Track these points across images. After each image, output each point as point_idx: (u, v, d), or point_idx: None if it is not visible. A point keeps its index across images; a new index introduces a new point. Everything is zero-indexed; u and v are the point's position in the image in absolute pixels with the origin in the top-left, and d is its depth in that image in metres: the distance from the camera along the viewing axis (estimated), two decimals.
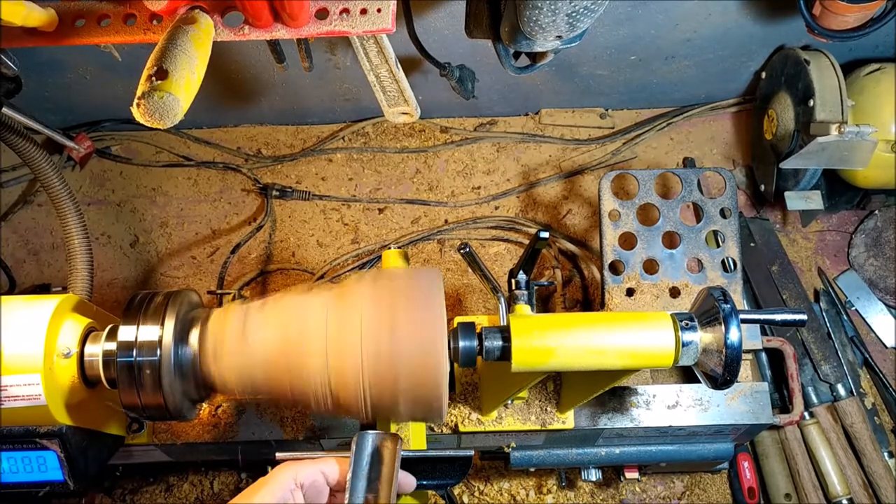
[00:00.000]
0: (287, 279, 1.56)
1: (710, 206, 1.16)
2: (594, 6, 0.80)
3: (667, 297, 1.14)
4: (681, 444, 1.16)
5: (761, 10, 1.31)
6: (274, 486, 0.69)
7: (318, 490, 0.73)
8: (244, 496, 0.69)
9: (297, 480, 0.71)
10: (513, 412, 1.08)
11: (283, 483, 0.70)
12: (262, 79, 1.48)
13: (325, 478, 0.73)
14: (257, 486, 0.70)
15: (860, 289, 1.50)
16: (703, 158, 1.61)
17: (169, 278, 1.57)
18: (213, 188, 1.63)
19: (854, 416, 1.37)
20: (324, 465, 0.73)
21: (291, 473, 0.71)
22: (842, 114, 1.28)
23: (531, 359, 0.81)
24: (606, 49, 1.41)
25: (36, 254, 1.60)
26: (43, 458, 0.89)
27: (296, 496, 0.70)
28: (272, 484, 0.70)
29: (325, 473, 0.73)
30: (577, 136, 1.64)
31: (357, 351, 0.76)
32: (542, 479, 1.41)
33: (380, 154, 1.64)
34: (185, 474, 1.44)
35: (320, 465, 0.73)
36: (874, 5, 1.13)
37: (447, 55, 1.21)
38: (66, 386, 0.86)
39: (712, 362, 0.80)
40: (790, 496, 1.35)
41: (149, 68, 0.67)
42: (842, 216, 1.57)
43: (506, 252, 1.56)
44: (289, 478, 0.70)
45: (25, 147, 1.15)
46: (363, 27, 0.78)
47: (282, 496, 0.69)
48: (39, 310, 0.85)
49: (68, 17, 0.80)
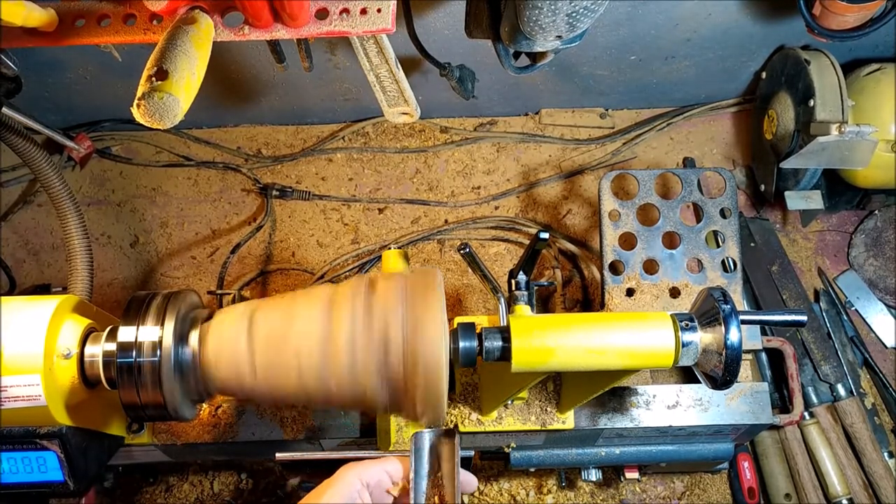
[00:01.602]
0: (287, 279, 1.56)
1: (710, 206, 1.16)
2: (594, 6, 0.80)
3: (667, 297, 1.14)
4: (681, 444, 1.16)
5: (761, 10, 1.31)
6: (341, 486, 0.70)
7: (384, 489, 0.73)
8: (311, 497, 0.69)
9: (363, 480, 0.71)
10: (513, 412, 1.07)
11: (350, 483, 0.70)
12: (262, 79, 1.48)
13: (390, 477, 0.73)
14: (323, 487, 0.70)
15: (860, 289, 1.50)
16: (703, 158, 1.61)
17: (169, 278, 1.57)
18: (213, 188, 1.63)
19: (854, 416, 1.37)
20: (387, 464, 0.73)
21: (356, 473, 0.71)
22: (842, 114, 1.28)
23: (531, 359, 0.81)
24: (606, 49, 1.41)
25: (36, 254, 1.60)
26: (43, 458, 0.89)
27: (363, 496, 0.71)
28: (339, 484, 0.70)
29: (390, 473, 0.73)
30: (577, 136, 1.64)
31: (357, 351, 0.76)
32: (542, 479, 1.41)
33: (380, 154, 1.64)
34: (185, 474, 1.44)
35: (384, 464, 0.73)
36: (874, 5, 1.13)
37: (447, 55, 1.21)
38: (66, 386, 0.86)
39: (712, 363, 0.80)
40: (790, 496, 1.35)
41: (149, 68, 0.67)
42: (842, 216, 1.57)
43: (506, 252, 1.56)
44: (355, 478, 0.71)
45: (25, 147, 1.15)
46: (363, 27, 0.78)
47: (349, 496, 0.69)
48: (39, 310, 0.85)
49: (68, 17, 0.80)
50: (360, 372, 0.76)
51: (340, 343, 0.76)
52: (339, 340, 0.76)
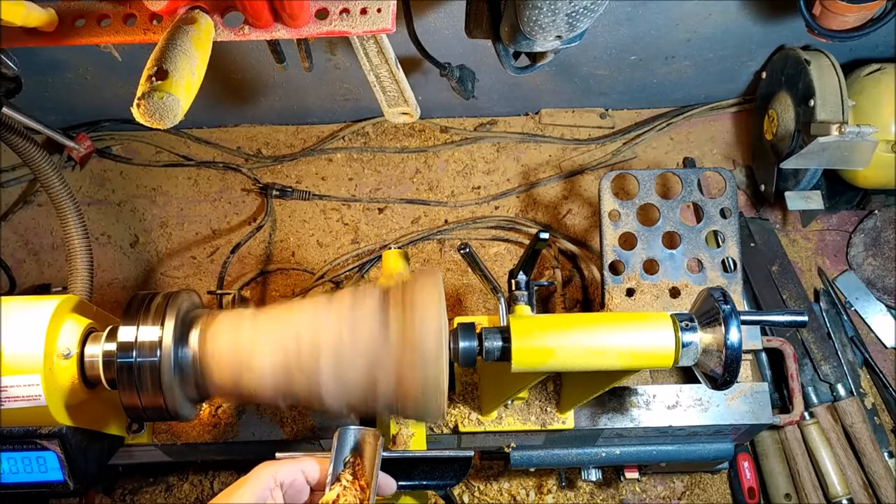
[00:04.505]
0: (287, 279, 1.56)
1: (710, 206, 1.16)
2: (594, 6, 0.80)
3: (667, 297, 1.14)
4: (681, 444, 1.16)
5: (761, 10, 1.31)
6: (253, 485, 0.69)
7: (299, 489, 0.72)
8: (223, 496, 0.68)
9: (276, 479, 0.70)
10: (513, 412, 1.07)
11: (263, 482, 0.69)
12: (262, 79, 1.48)
13: (305, 477, 0.72)
14: (236, 485, 0.69)
15: (859, 289, 1.50)
16: (703, 158, 1.61)
17: (169, 278, 1.57)
18: (213, 188, 1.63)
19: (854, 416, 1.37)
20: (304, 464, 0.73)
21: (271, 472, 0.70)
22: (842, 114, 1.28)
23: (531, 359, 0.81)
24: (606, 49, 1.41)
25: (36, 254, 1.60)
26: (43, 458, 0.89)
27: (275, 495, 0.70)
28: (252, 483, 0.69)
29: (306, 472, 0.72)
30: (577, 136, 1.64)
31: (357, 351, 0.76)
32: (542, 479, 1.41)
33: (380, 154, 1.64)
34: (185, 474, 1.44)
35: (300, 464, 0.72)
36: (874, 5, 1.13)
37: (447, 55, 1.21)
38: (66, 386, 0.86)
39: (712, 363, 0.80)
40: (790, 496, 1.35)
41: (149, 68, 0.67)
42: (842, 216, 1.57)
43: (506, 252, 1.56)
44: (268, 477, 0.70)
45: (25, 147, 1.15)
46: (363, 27, 0.78)
47: (261, 495, 0.68)
48: (39, 310, 0.85)
49: (68, 17, 0.80)
50: (360, 372, 0.76)
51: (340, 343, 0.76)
52: (339, 341, 0.76)
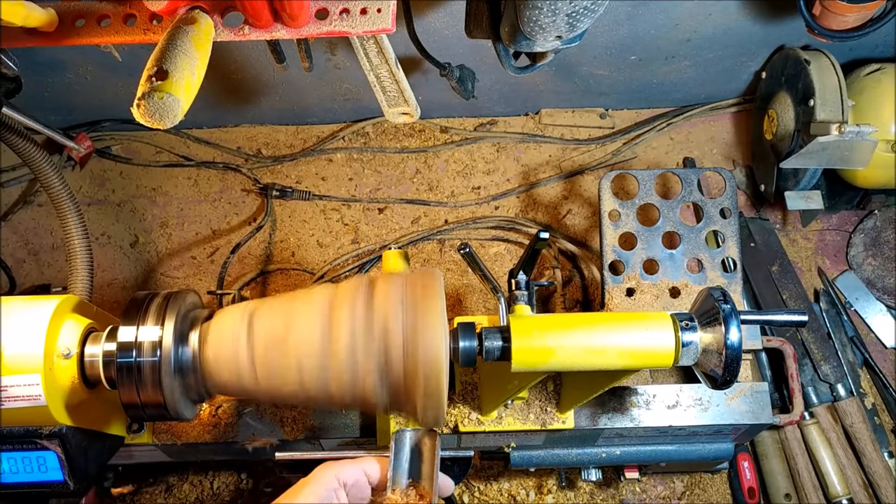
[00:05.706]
0: (287, 279, 1.56)
1: (710, 206, 1.16)
2: (594, 6, 0.80)
3: (667, 297, 1.14)
4: (681, 444, 1.16)
5: (761, 10, 1.31)
6: (317, 485, 0.69)
7: (361, 489, 0.73)
8: (287, 496, 0.69)
9: (339, 479, 0.71)
10: (513, 412, 1.07)
11: (327, 483, 0.70)
12: (262, 79, 1.48)
13: (366, 477, 0.73)
14: (300, 486, 0.69)
15: (859, 289, 1.50)
16: (703, 158, 1.61)
17: (169, 278, 1.57)
18: (213, 188, 1.63)
19: (854, 416, 1.37)
20: (365, 464, 0.73)
21: (334, 473, 0.71)
22: (842, 114, 1.28)
23: (531, 359, 0.81)
24: (606, 49, 1.41)
25: (36, 254, 1.60)
26: (43, 458, 0.89)
27: (339, 495, 0.70)
28: (315, 483, 0.69)
29: (367, 473, 0.73)
30: (577, 136, 1.64)
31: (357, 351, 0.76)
32: (542, 479, 1.41)
33: (380, 154, 1.64)
34: (185, 474, 1.44)
35: (362, 464, 0.73)
36: (874, 5, 1.13)
37: (447, 55, 1.21)
38: (67, 386, 0.86)
39: (712, 362, 0.80)
40: (790, 496, 1.35)
41: (149, 69, 0.67)
42: (842, 216, 1.57)
43: (506, 252, 1.56)
44: (331, 477, 0.70)
45: (25, 147, 1.15)
46: (363, 27, 0.78)
47: (325, 495, 0.69)
48: (39, 310, 0.85)
49: (68, 17, 0.80)
50: (360, 371, 0.76)
51: (341, 343, 0.76)
52: (340, 340, 0.76)
